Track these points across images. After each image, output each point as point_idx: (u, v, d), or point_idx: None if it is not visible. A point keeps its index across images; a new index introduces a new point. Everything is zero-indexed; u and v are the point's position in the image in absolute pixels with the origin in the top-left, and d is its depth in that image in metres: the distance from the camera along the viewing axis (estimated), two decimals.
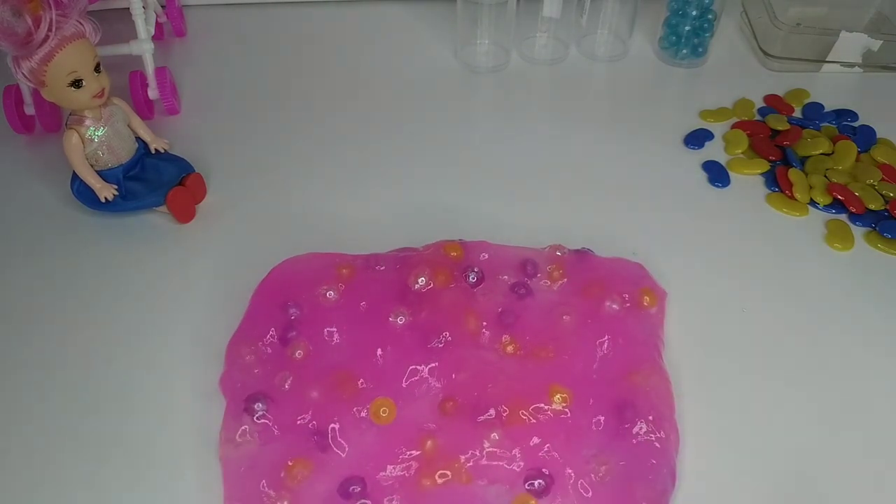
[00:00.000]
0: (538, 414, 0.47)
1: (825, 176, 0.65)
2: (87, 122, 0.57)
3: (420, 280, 0.52)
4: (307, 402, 0.47)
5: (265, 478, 0.44)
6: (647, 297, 0.53)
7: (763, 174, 0.66)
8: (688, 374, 0.51)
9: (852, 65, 0.76)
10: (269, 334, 0.51)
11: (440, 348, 0.49)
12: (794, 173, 0.65)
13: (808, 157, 0.67)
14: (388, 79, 0.76)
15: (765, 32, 0.78)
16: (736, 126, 0.70)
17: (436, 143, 0.69)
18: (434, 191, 0.64)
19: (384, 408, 0.47)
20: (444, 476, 0.44)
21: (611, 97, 0.76)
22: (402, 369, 0.48)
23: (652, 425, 0.46)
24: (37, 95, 0.66)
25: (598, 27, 0.80)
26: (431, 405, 0.47)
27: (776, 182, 0.65)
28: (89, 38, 0.55)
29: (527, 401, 0.47)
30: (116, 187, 0.59)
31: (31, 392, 0.50)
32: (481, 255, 0.55)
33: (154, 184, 0.60)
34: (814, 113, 0.72)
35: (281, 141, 0.69)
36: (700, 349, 0.53)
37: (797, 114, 0.72)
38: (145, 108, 0.69)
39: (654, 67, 0.78)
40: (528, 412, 0.47)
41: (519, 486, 0.44)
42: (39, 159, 0.66)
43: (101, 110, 0.57)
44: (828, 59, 0.76)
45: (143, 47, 0.68)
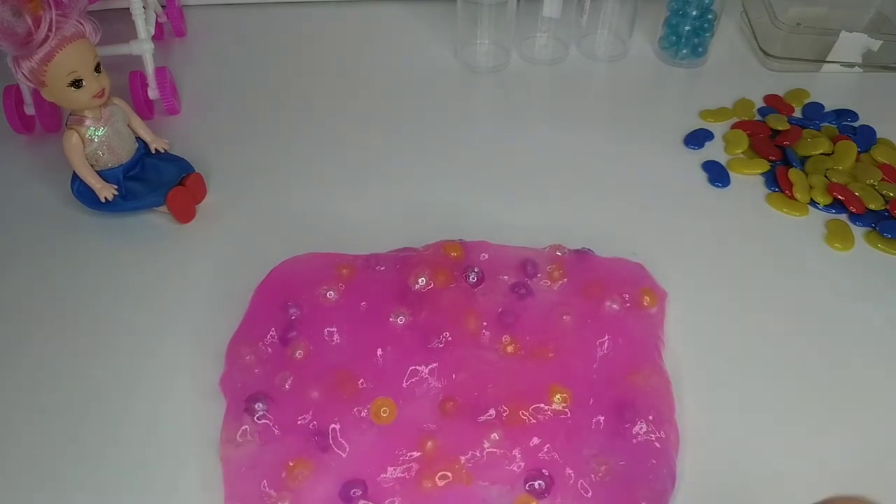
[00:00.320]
0: (538, 414, 0.47)
1: (825, 176, 0.65)
2: (88, 122, 0.57)
3: (420, 280, 0.52)
4: (307, 403, 0.47)
5: (266, 478, 0.44)
6: (647, 298, 0.53)
7: (763, 174, 0.66)
8: (688, 375, 0.51)
9: (852, 65, 0.76)
10: (269, 334, 0.51)
11: (440, 348, 0.49)
12: (794, 173, 0.65)
13: (808, 157, 0.67)
14: (388, 79, 0.76)
15: (765, 32, 0.78)
16: (736, 126, 0.70)
17: (436, 143, 0.69)
18: (434, 191, 0.64)
19: (385, 408, 0.47)
20: (445, 477, 0.44)
21: (611, 97, 0.76)
22: (402, 369, 0.48)
23: (652, 425, 0.46)
24: (37, 95, 0.66)
25: (598, 27, 0.80)
26: (432, 405, 0.47)
27: (776, 182, 0.65)
28: (89, 38, 0.55)
29: (527, 401, 0.47)
30: (116, 187, 0.59)
31: (31, 392, 0.50)
32: (481, 255, 0.55)
33: (154, 184, 0.60)
34: (814, 113, 0.72)
35: (281, 141, 0.69)
36: (700, 349, 0.53)
37: (797, 114, 0.72)
38: (145, 108, 0.69)
39: (654, 67, 0.78)
40: (529, 412, 0.47)
41: (519, 487, 0.44)
42: (39, 159, 0.66)
43: (102, 110, 0.57)
44: (828, 59, 0.76)
45: (143, 47, 0.68)
